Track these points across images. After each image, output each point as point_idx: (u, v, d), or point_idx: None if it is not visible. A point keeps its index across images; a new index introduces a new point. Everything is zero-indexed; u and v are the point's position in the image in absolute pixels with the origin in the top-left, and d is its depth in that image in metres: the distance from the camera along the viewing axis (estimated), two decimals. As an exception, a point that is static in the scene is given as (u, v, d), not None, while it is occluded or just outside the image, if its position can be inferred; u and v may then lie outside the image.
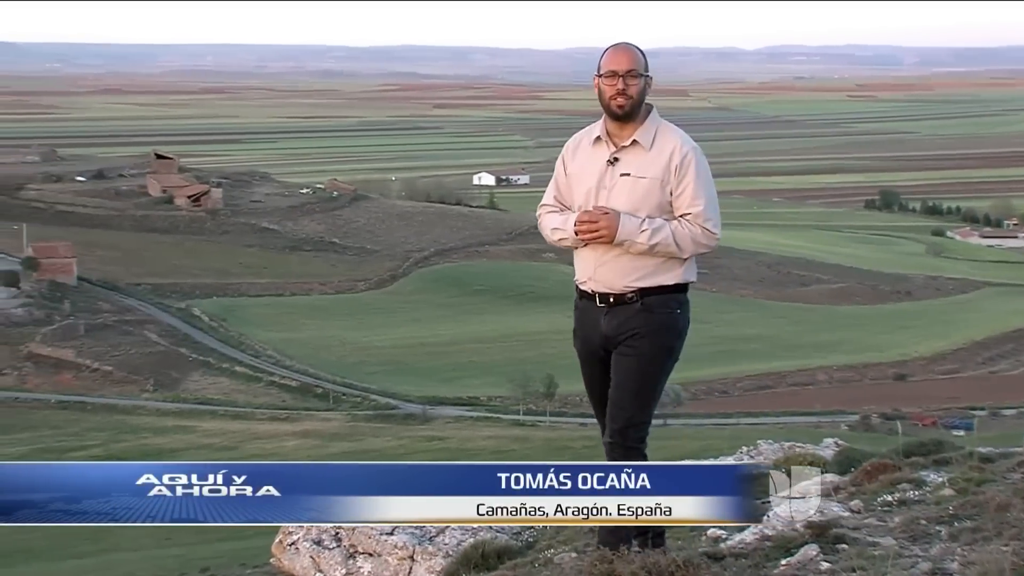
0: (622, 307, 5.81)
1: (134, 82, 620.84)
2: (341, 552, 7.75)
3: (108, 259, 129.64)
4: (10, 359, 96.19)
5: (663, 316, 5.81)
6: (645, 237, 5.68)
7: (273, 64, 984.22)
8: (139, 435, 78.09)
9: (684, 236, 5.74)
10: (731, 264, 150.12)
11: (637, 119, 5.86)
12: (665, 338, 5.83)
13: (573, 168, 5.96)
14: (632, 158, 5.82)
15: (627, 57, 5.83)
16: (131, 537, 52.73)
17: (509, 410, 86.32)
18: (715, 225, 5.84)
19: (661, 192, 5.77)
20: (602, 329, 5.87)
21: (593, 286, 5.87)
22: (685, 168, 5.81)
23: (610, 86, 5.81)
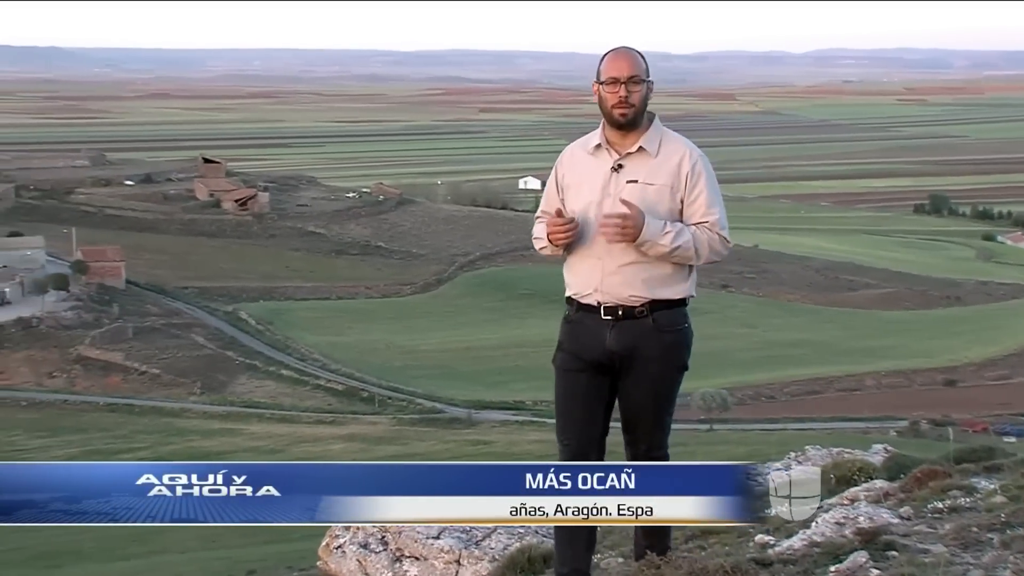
0: (631, 322, 5.62)
1: (182, 87, 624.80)
2: (387, 556, 7.75)
3: (156, 262, 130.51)
4: (60, 362, 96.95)
5: (674, 335, 5.69)
6: (668, 239, 5.51)
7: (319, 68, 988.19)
8: (186, 438, 78.53)
9: (703, 242, 5.59)
10: (778, 269, 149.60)
11: (640, 127, 5.71)
12: (678, 357, 5.74)
13: (571, 179, 5.78)
14: (638, 165, 5.66)
15: (628, 63, 5.65)
16: (178, 539, 53.06)
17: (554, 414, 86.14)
18: (728, 234, 5.70)
19: (671, 199, 5.61)
20: (607, 344, 5.63)
21: (599, 297, 5.64)
22: (697, 176, 5.64)
23: (612, 94, 5.64)
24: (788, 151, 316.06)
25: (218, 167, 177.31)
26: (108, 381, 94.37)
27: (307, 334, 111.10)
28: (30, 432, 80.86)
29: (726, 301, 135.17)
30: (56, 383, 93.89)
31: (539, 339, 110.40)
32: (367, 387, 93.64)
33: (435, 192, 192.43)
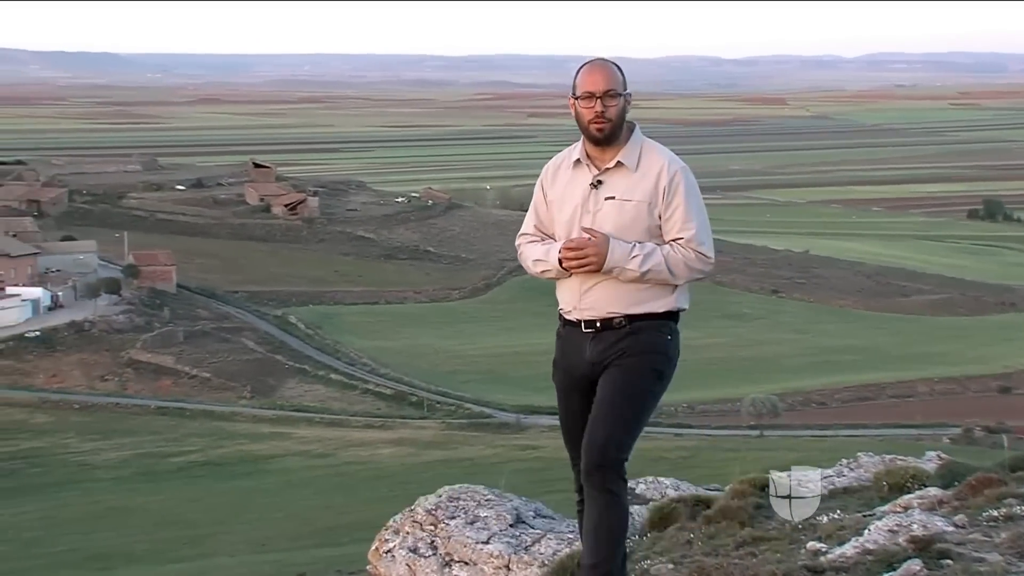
0: (609, 332, 5.49)
1: (233, 92, 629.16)
2: (437, 560, 7.73)
3: (206, 267, 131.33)
4: (112, 365, 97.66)
5: (652, 337, 5.50)
6: (636, 264, 5.36)
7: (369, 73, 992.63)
8: (236, 441, 78.92)
9: (677, 261, 5.41)
10: (830, 274, 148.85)
11: (619, 140, 5.51)
12: (653, 358, 5.51)
13: (553, 194, 5.62)
14: (617, 180, 5.47)
15: (603, 76, 5.45)
16: (228, 543, 53.43)
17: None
18: (709, 249, 5.48)
19: (649, 215, 5.44)
20: (587, 355, 5.54)
21: (579, 315, 5.53)
22: (674, 189, 5.45)
23: (587, 109, 5.44)
24: (839, 156, 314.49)
25: (268, 172, 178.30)
26: (159, 384, 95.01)
27: (356, 338, 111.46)
28: (82, 434, 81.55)
29: (776, 306, 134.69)
30: (108, 386, 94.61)
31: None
32: (416, 391, 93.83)
33: (484, 197, 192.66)
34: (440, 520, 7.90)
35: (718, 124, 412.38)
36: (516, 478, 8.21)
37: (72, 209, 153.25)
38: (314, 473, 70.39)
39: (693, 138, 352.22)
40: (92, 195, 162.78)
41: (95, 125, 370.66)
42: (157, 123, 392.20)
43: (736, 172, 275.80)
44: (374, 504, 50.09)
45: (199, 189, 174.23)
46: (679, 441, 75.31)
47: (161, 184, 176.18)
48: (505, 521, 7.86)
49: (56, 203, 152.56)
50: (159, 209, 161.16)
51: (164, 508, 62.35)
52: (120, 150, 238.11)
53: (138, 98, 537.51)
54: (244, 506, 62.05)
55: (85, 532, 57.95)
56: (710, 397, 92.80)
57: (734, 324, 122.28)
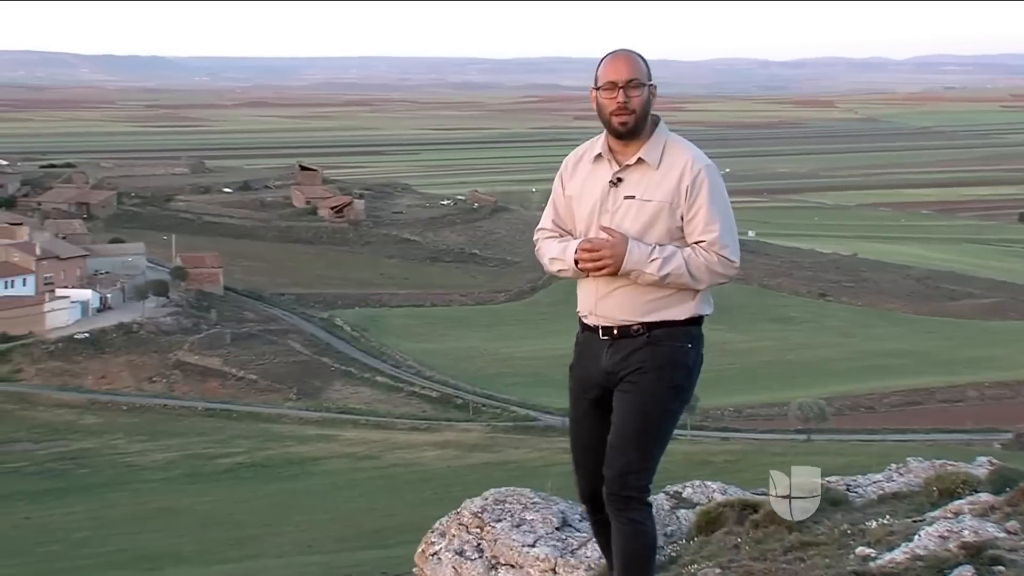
0: (627, 340, 5.26)
1: (279, 95, 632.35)
2: (483, 563, 7.72)
3: (253, 269, 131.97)
4: (159, 367, 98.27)
5: (671, 349, 5.25)
6: (655, 267, 5.12)
7: (415, 76, 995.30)
8: (283, 443, 79.23)
9: (699, 265, 5.15)
10: (878, 278, 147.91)
11: (642, 134, 5.27)
12: (672, 374, 5.26)
13: (572, 189, 5.39)
14: (637, 178, 5.24)
15: (627, 66, 5.22)
16: (275, 544, 53.64)
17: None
18: (733, 252, 5.20)
19: (671, 216, 5.19)
20: (603, 364, 5.32)
21: (595, 320, 5.33)
22: (697, 189, 5.19)
23: (610, 100, 5.20)
24: (888, 159, 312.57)
25: (314, 175, 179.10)
26: (206, 386, 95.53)
27: (402, 341, 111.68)
28: (130, 436, 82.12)
29: (823, 310, 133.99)
30: (156, 387, 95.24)
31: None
32: (461, 394, 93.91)
33: (530, 200, 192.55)
34: (486, 523, 7.88)
35: (766, 127, 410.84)
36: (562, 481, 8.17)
37: (121, 211, 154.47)
38: (360, 475, 70.57)
39: (740, 140, 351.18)
40: (140, 197, 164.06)
41: (144, 128, 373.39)
42: (204, 126, 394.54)
43: (784, 175, 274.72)
44: (420, 507, 50.16)
45: (246, 192, 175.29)
46: (726, 445, 75.07)
47: (208, 187, 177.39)
48: (551, 524, 7.84)
49: (105, 205, 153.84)
50: (206, 211, 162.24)
51: (211, 509, 62.67)
52: (168, 153, 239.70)
53: (186, 101, 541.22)
54: (290, 508, 62.27)
55: (133, 532, 58.33)
56: (757, 401, 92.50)
57: (781, 327, 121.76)
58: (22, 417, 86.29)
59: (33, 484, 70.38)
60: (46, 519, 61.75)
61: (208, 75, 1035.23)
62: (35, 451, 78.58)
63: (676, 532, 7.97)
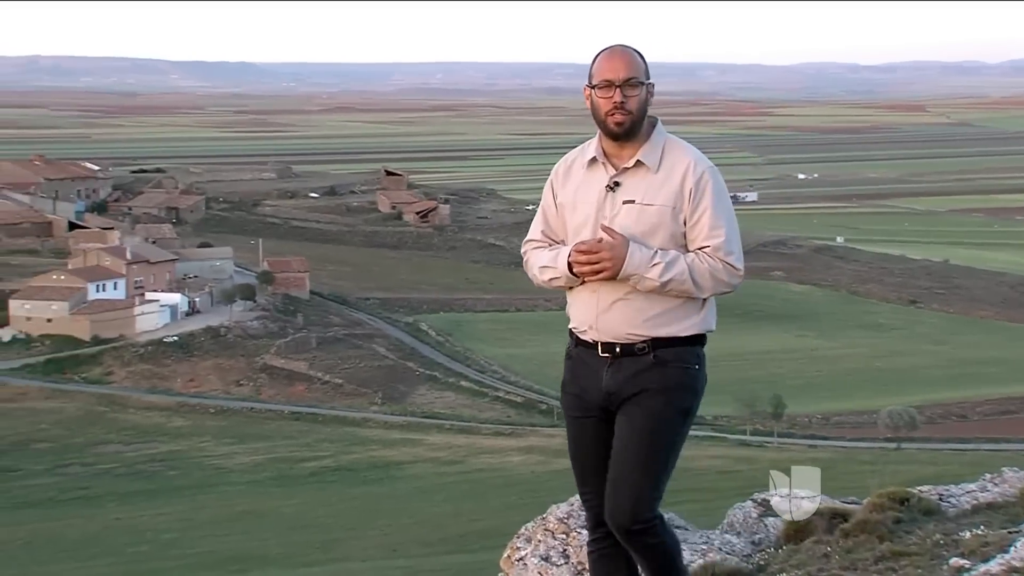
0: (630, 359, 4.96)
1: (366, 100, 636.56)
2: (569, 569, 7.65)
3: (339, 273, 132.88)
4: (246, 370, 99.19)
5: (678, 372, 4.98)
6: (656, 272, 4.83)
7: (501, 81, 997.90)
8: (368, 447, 79.65)
9: (703, 272, 4.88)
10: (970, 284, 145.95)
11: (639, 136, 5.00)
12: (681, 398, 5.00)
13: (565, 196, 5.12)
14: (636, 182, 4.95)
15: (624, 63, 4.93)
16: (360, 548, 53.94)
17: (735, 430, 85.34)
18: (738, 259, 4.93)
19: (673, 221, 4.92)
20: (603, 384, 5.01)
21: (595, 335, 5.01)
22: (701, 192, 4.91)
23: (605, 99, 4.92)
24: (981, 163, 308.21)
25: (400, 179, 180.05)
26: (292, 390, 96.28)
27: (486, 346, 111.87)
28: (218, 438, 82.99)
29: (914, 317, 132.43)
30: (243, 391, 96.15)
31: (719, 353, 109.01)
32: (545, 399, 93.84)
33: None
34: (572, 529, 7.81)
35: (855, 131, 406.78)
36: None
37: (209, 216, 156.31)
38: (444, 480, 70.77)
39: (829, 146, 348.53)
40: (228, 202, 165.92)
41: (232, 133, 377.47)
42: (291, 131, 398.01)
43: (873, 180, 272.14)
44: (504, 511, 50.22)
45: (332, 197, 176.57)
46: (813, 453, 74.39)
47: (295, 192, 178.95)
48: (637, 531, 7.75)
49: (194, 210, 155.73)
50: (293, 216, 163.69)
51: (297, 512, 63.15)
52: (255, 158, 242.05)
53: (273, 107, 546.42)
54: (375, 511, 62.58)
55: (221, 534, 58.92)
56: (845, 408, 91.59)
57: (871, 334, 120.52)
58: (113, 419, 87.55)
59: (123, 485, 71.39)
60: (136, 520, 62.58)
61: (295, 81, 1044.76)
62: (125, 453, 79.71)
63: (764, 540, 7.87)
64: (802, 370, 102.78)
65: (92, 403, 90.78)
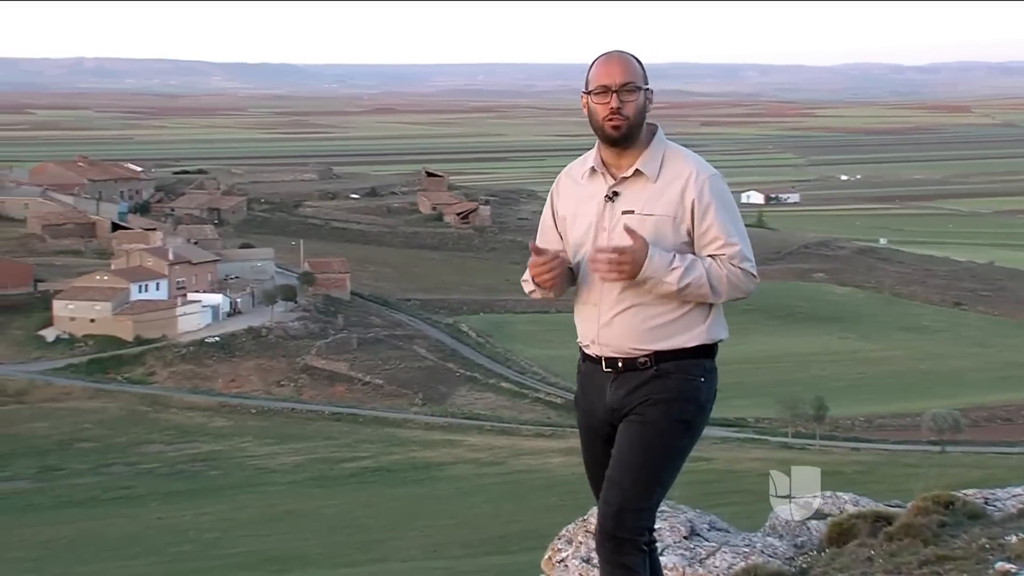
0: (632, 373, 4.87)
1: (407, 101, 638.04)
2: (609, 572, 7.61)
3: (380, 275, 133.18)
4: (287, 370, 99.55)
5: (680, 382, 4.87)
6: (675, 276, 4.71)
7: (542, 82, 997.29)
8: (408, 448, 79.79)
9: (720, 277, 4.77)
10: (1015, 286, 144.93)
11: (638, 144, 4.88)
12: (681, 408, 4.88)
13: (566, 209, 5.04)
14: (635, 191, 4.85)
15: (620, 68, 4.83)
16: (400, 549, 54.04)
17: (777, 432, 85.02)
18: (753, 267, 4.84)
19: (675, 231, 4.80)
20: (607, 400, 4.93)
21: (598, 350, 4.91)
22: (706, 203, 4.79)
23: (602, 105, 4.82)
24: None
25: (440, 181, 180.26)
26: (333, 390, 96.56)
27: (526, 347, 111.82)
28: (259, 439, 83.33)
29: (958, 319, 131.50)
30: (284, 391, 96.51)
31: (761, 355, 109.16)
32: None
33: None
34: (613, 531, 7.77)
35: (898, 132, 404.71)
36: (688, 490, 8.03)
37: (250, 217, 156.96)
38: (485, 481, 70.80)
39: (872, 147, 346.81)
40: (269, 203, 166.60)
41: (273, 135, 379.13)
42: (333, 133, 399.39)
43: (917, 181, 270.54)
44: (545, 513, 50.17)
45: (373, 198, 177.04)
46: (856, 455, 74.10)
47: (336, 193, 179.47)
48: (679, 533, 7.72)
49: (236, 211, 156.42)
50: (334, 217, 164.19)
51: (338, 513, 63.35)
52: (297, 159, 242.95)
53: (315, 108, 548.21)
54: (416, 512, 62.69)
55: (262, 535, 59.17)
56: (888, 411, 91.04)
57: (914, 337, 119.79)
58: (155, 419, 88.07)
59: (165, 485, 71.81)
60: (178, 520, 62.93)
61: (337, 82, 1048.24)
62: (167, 453, 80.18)
63: (807, 543, 7.82)
64: (845, 372, 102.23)
65: (135, 403, 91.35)
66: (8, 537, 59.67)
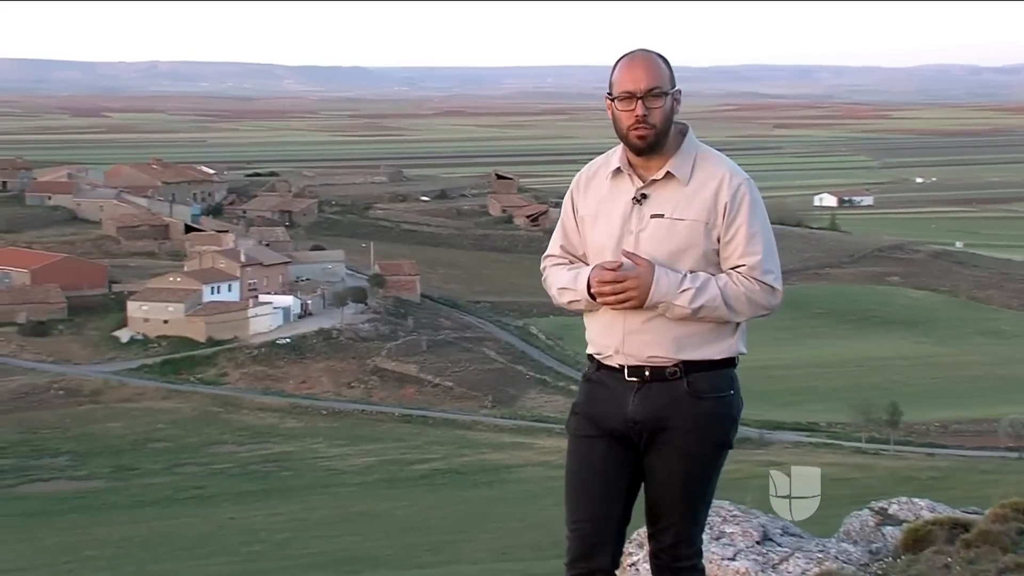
0: (660, 384, 4.62)
1: (477, 104, 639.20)
2: None
3: (449, 277, 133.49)
4: (358, 372, 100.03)
5: (714, 404, 4.65)
6: (686, 299, 4.48)
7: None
8: (478, 450, 79.84)
9: (738, 295, 4.53)
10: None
11: (667, 148, 4.63)
12: (717, 431, 4.69)
13: (586, 209, 4.76)
14: (666, 195, 4.59)
15: (645, 71, 4.56)
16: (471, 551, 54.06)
17: (850, 437, 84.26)
18: (776, 279, 4.59)
19: (706, 238, 4.56)
20: (629, 411, 4.66)
21: (622, 360, 4.65)
22: (737, 207, 4.57)
23: (626, 112, 4.57)
24: None
25: (510, 183, 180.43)
26: (403, 392, 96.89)
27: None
28: (330, 440, 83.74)
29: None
30: (354, 393, 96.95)
31: (834, 359, 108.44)
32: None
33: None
34: (684, 535, 7.72)
35: (975, 134, 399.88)
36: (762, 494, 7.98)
37: (321, 219, 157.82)
38: (555, 483, 70.10)
39: (948, 149, 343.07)
40: (340, 206, 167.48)
41: (344, 137, 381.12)
42: (403, 135, 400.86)
43: (994, 184, 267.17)
44: (615, 516, 49.91)
45: (443, 200, 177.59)
46: (931, 461, 73.24)
47: (406, 195, 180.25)
48: (752, 538, 7.65)
49: (307, 213, 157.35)
50: (404, 220, 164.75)
51: (408, 514, 63.47)
52: (367, 162, 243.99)
53: (385, 111, 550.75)
54: (485, 514, 62.70)
55: (333, 536, 59.41)
56: (965, 416, 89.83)
57: (991, 341, 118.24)
58: (227, 420, 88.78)
59: (237, 485, 72.33)
60: (250, 520, 63.35)
61: (408, 85, 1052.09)
62: (239, 453, 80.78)
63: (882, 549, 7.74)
64: (919, 377, 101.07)
65: (207, 404, 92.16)
66: (83, 536, 60.37)
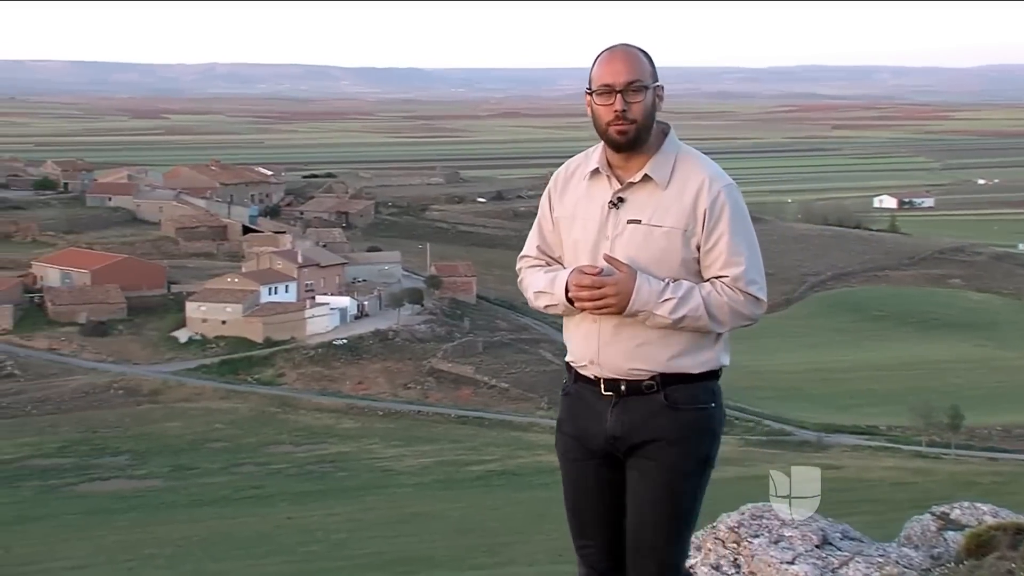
0: (638, 399, 4.44)
1: (534, 105, 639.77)
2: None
3: (505, 278, 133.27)
4: (414, 373, 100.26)
5: (695, 416, 4.49)
6: (667, 309, 4.29)
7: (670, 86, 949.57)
8: (534, 452, 79.79)
9: (721, 305, 4.35)
10: None
11: (647, 146, 4.45)
12: (700, 446, 4.54)
13: (563, 209, 4.59)
14: (643, 199, 4.40)
15: (625, 65, 4.41)
16: (526, 552, 54.05)
17: (910, 441, 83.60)
18: (760, 289, 4.43)
19: (685, 246, 4.36)
20: (607, 427, 4.49)
21: (597, 371, 4.46)
22: (717, 214, 4.36)
23: (605, 106, 4.39)
24: None
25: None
26: (459, 393, 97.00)
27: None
28: (386, 440, 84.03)
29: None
30: (410, 394, 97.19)
31: (894, 362, 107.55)
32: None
33: (785, 210, 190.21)
34: (743, 538, 7.66)
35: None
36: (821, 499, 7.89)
37: (378, 220, 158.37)
38: (610, 486, 70.48)
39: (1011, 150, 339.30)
40: (397, 207, 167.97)
41: (401, 139, 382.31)
42: (460, 137, 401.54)
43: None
44: (671, 519, 49.79)
45: (499, 201, 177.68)
46: (994, 466, 72.58)
47: (463, 196, 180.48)
48: (811, 542, 7.58)
49: (363, 215, 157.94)
50: (460, 221, 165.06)
51: (464, 515, 63.56)
52: (424, 163, 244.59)
53: (442, 112, 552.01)
54: (541, 516, 62.61)
55: (389, 536, 59.60)
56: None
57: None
58: (284, 420, 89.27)
59: (294, 485, 72.70)
60: (307, 520, 63.67)
61: (464, 86, 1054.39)
62: (296, 453, 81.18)
63: (944, 555, 7.64)
64: (981, 381, 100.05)
65: (264, 404, 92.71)
66: (143, 534, 60.88)
